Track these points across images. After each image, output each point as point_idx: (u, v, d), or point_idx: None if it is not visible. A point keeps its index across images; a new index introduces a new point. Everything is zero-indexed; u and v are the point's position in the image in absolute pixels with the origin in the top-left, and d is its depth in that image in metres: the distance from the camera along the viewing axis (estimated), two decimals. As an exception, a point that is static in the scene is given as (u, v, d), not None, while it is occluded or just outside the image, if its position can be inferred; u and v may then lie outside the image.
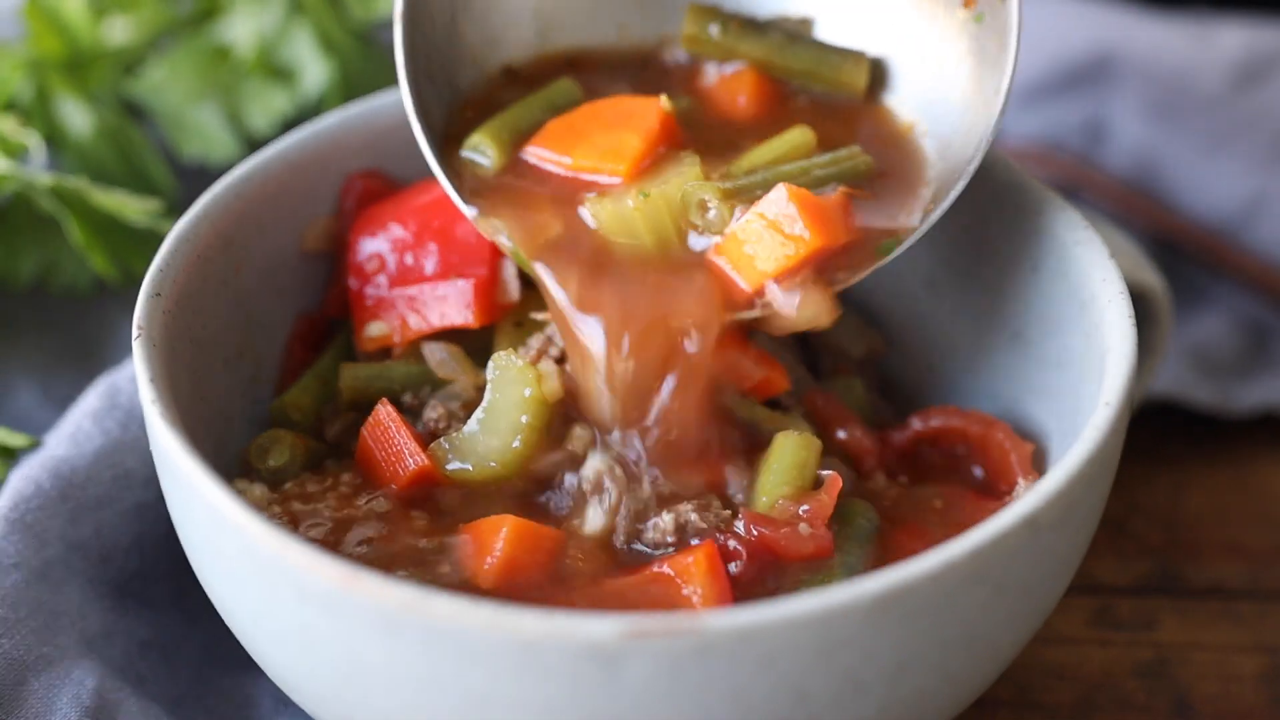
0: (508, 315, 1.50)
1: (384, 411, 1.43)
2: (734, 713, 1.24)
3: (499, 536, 1.35)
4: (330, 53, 1.84)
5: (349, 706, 1.31)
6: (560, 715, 1.24)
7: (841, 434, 1.47)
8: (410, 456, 1.41)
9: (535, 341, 1.47)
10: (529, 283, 1.50)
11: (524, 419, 1.41)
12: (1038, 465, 1.47)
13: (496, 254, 1.49)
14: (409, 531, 1.39)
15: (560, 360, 1.45)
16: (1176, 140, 1.91)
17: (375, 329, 1.51)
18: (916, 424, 1.49)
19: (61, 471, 1.52)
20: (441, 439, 1.43)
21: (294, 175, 1.54)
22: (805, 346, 1.56)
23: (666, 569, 1.33)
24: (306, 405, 1.50)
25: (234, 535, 1.28)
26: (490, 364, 1.43)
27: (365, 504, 1.41)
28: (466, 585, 1.34)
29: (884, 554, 1.38)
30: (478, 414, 1.42)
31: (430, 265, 1.50)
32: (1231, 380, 1.78)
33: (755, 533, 1.34)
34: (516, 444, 1.41)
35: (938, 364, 1.58)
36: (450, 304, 1.49)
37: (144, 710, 1.44)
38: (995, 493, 1.46)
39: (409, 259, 1.51)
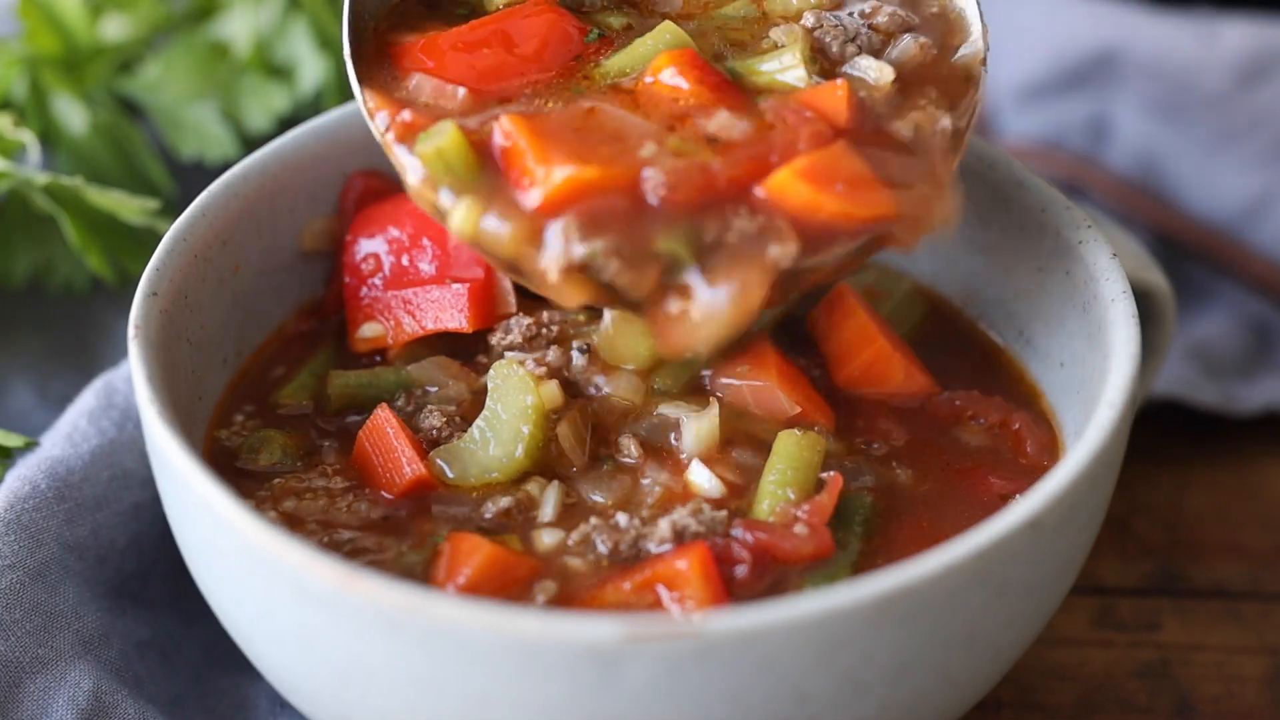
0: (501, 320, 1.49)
1: (383, 416, 1.42)
2: (734, 714, 1.24)
3: (469, 563, 1.33)
4: (328, 50, 1.84)
5: (346, 707, 1.30)
6: (560, 716, 1.24)
7: (877, 424, 1.46)
8: (408, 464, 1.40)
9: (543, 355, 1.46)
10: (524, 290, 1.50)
11: (525, 429, 1.40)
12: (1050, 458, 1.46)
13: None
14: (396, 537, 1.38)
15: (557, 372, 1.45)
16: (1180, 139, 1.91)
17: (369, 330, 1.51)
18: (939, 401, 1.49)
19: (58, 472, 1.51)
20: (441, 447, 1.42)
21: (292, 174, 1.54)
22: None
23: (660, 572, 1.32)
24: (303, 404, 1.50)
25: (231, 535, 1.28)
26: (491, 372, 1.42)
27: (355, 507, 1.40)
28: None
29: (892, 546, 1.38)
30: (478, 423, 1.41)
31: (426, 268, 1.49)
32: (1234, 380, 1.78)
33: (753, 537, 1.33)
34: (518, 453, 1.40)
35: (942, 363, 1.57)
36: (445, 308, 1.48)
37: (140, 712, 1.44)
38: (1012, 477, 1.44)
39: (405, 261, 1.50)
